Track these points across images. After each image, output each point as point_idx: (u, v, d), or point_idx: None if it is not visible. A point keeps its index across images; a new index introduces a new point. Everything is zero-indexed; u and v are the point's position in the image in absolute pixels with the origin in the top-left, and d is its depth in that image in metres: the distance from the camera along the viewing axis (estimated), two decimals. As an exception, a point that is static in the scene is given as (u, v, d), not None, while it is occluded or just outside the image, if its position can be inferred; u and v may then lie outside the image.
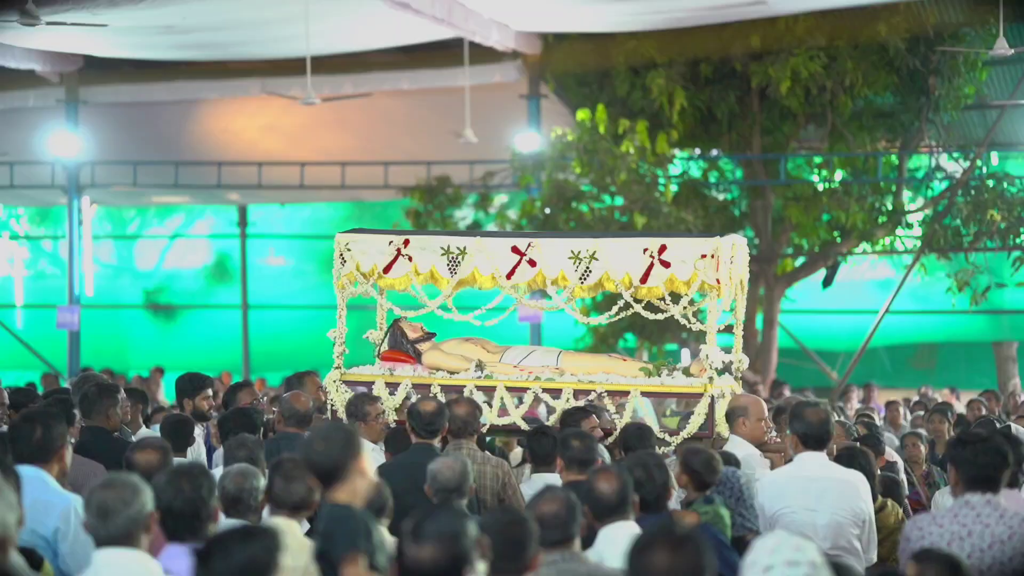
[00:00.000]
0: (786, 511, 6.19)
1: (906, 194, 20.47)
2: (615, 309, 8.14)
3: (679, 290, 7.77)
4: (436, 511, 4.03)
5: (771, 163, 20.39)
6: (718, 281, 7.55)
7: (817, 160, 20.66)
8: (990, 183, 19.28)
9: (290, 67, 19.63)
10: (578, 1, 17.40)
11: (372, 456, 6.46)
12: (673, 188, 20.06)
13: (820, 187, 20.23)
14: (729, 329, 8.27)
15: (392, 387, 8.20)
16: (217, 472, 6.57)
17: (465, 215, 21.63)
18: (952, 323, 24.33)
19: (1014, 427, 8.71)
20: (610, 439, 7.58)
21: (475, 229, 20.05)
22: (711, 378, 7.65)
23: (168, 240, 29.19)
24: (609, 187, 18.76)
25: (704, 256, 7.55)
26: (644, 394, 7.77)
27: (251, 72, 21.24)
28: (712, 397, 7.56)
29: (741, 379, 8.27)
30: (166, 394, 19.68)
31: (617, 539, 4.88)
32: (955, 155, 20.29)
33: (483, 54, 19.64)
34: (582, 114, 19.10)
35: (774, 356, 20.15)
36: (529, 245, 8.00)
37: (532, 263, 7.97)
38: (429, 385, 8.09)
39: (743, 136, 20.19)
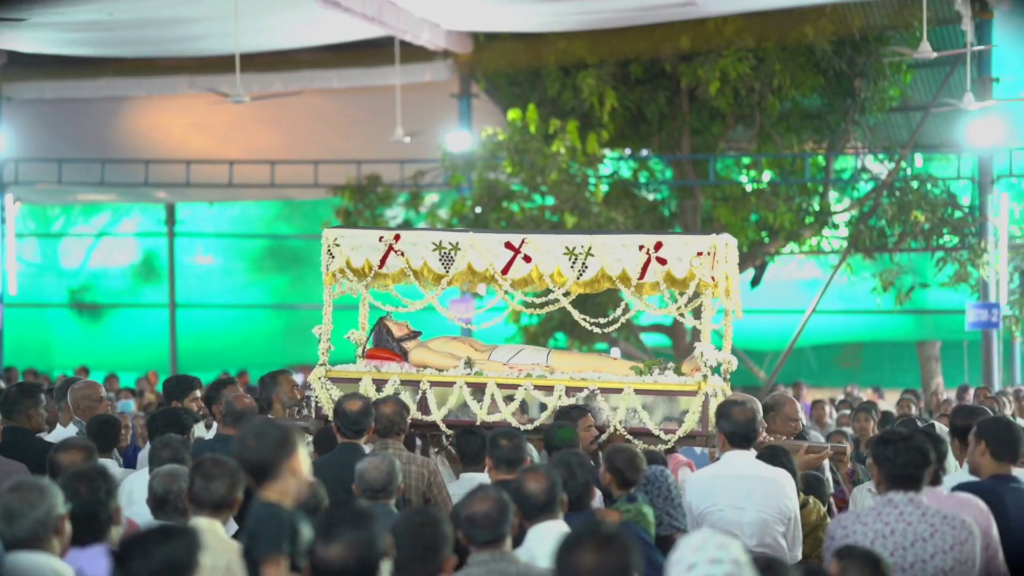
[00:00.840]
0: (713, 509, 6.23)
1: (832, 195, 20.72)
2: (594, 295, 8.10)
3: (677, 288, 7.69)
4: (347, 511, 4.01)
5: (700, 163, 20.56)
6: (713, 279, 7.52)
7: (745, 161, 20.86)
8: (914, 184, 19.58)
9: (219, 64, 19.47)
10: (508, 1, 17.42)
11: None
12: (603, 188, 20.16)
13: (748, 187, 20.43)
14: (660, 328, 8.28)
15: (380, 384, 8.06)
16: (144, 472, 6.50)
17: (396, 214, 21.57)
18: (877, 323, 24.67)
19: (937, 425, 8.84)
20: (603, 436, 7.54)
21: (404, 226, 20.01)
22: (705, 376, 7.58)
23: (94, 238, 28.83)
24: (540, 187, 18.81)
25: (700, 254, 7.50)
26: (637, 392, 7.64)
27: (179, 69, 21.04)
28: (706, 396, 7.49)
29: None
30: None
31: (547, 538, 4.88)
32: (880, 157, 20.58)
33: (414, 53, 19.61)
34: (513, 114, 19.14)
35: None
36: (523, 241, 7.88)
37: (527, 259, 7.87)
38: (418, 382, 7.97)
39: (673, 136, 20.33)
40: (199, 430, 8.17)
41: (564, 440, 6.65)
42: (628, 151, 21.16)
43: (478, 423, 7.71)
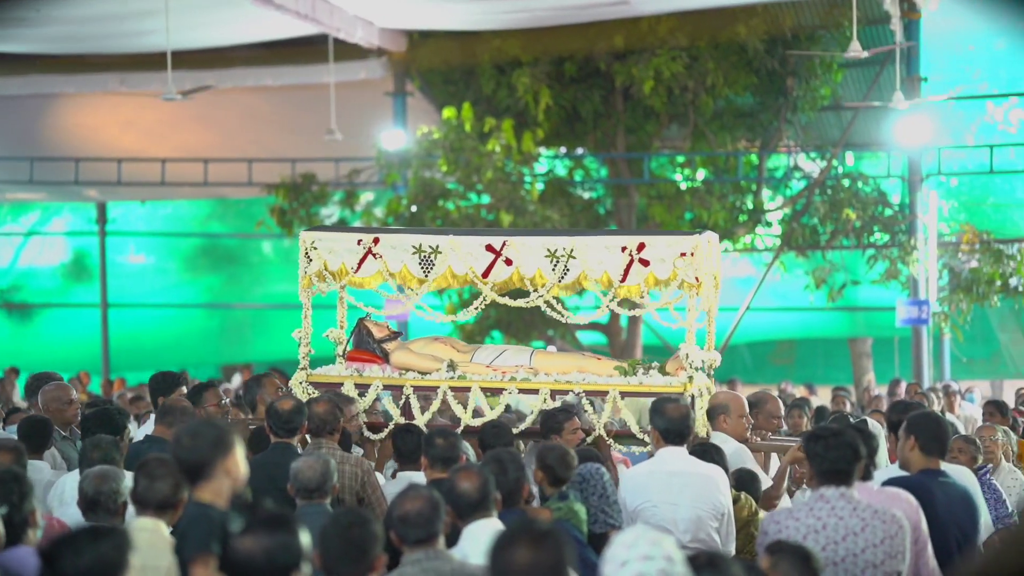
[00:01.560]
0: (647, 505, 6.25)
1: (766, 193, 20.90)
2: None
3: (657, 290, 7.66)
4: (265, 512, 3.99)
5: (635, 162, 20.65)
6: (697, 279, 7.49)
7: (680, 159, 20.98)
8: (846, 183, 19.80)
9: (150, 62, 19.25)
10: (443, -1, 17.41)
11: None
12: (539, 186, 20.19)
13: (683, 186, 20.54)
14: (597, 326, 8.26)
15: (362, 389, 7.98)
16: (76, 473, 6.43)
17: (331, 213, 21.46)
18: (810, 320, 24.95)
19: (870, 421, 8.93)
20: (589, 439, 7.51)
21: (342, 226, 19.93)
22: (691, 377, 7.57)
23: (23, 238, 28.44)
24: (475, 185, 18.81)
25: (683, 254, 7.48)
26: (623, 394, 7.63)
27: (110, 66, 20.79)
28: (692, 396, 7.48)
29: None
30: (22, 395, 19.14)
31: (480, 536, 4.88)
32: (812, 155, 20.78)
33: (348, 51, 19.52)
34: (448, 112, 19.12)
35: (638, 353, 20.40)
36: (504, 244, 7.81)
37: (508, 262, 7.80)
38: (401, 387, 7.90)
39: (608, 135, 20.41)
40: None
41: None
42: (563, 149, 21.22)
43: (462, 427, 7.65)
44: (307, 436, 7.06)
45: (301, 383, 8.10)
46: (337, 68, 19.34)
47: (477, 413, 7.87)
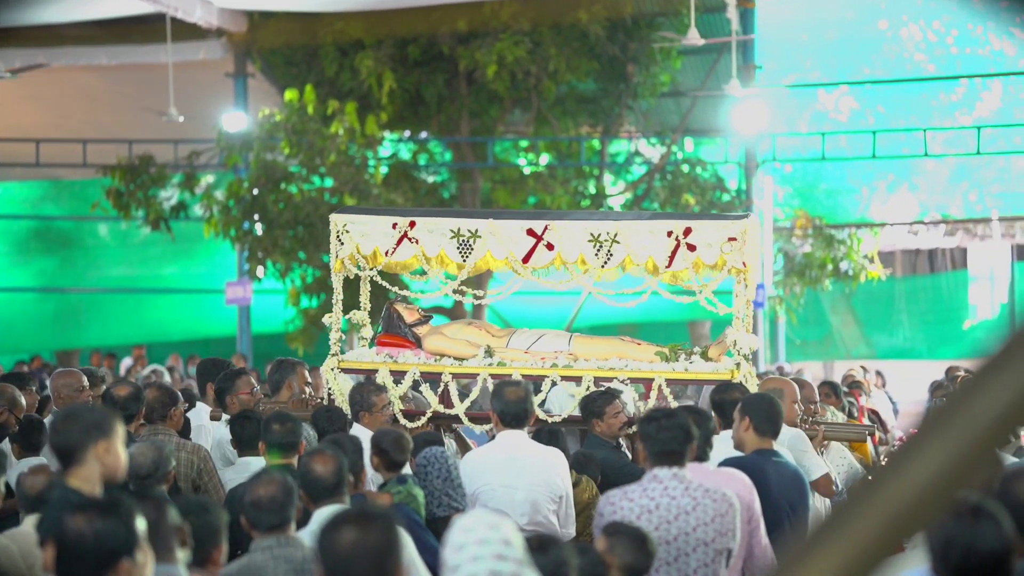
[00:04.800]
0: (486, 488, 6.29)
1: (608, 178, 21.16)
2: None
3: (704, 275, 7.46)
4: (94, 499, 3.92)
5: (479, 146, 20.71)
6: (744, 264, 7.33)
7: (523, 144, 21.10)
8: (685, 168, 20.17)
9: (-22, 38, 18.62)
10: (284, -21, 17.19)
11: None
12: (383, 170, 20.10)
13: (526, 170, 20.67)
14: (441, 310, 8.20)
15: (397, 376, 7.68)
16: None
17: (170, 195, 21.03)
18: (651, 303, 25.33)
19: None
20: (633, 427, 7.24)
21: (179, 208, 19.57)
22: (738, 364, 7.42)
23: None
24: (319, 168, 18.63)
25: (732, 239, 7.31)
26: (669, 381, 7.44)
27: (-65, 42, 20.02)
28: (740, 382, 7.25)
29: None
30: None
31: (329, 521, 4.86)
32: (653, 141, 21.11)
33: (187, 30, 19.13)
34: (290, 94, 18.89)
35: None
36: (546, 228, 7.53)
37: (550, 246, 7.53)
38: (439, 373, 7.61)
39: (452, 119, 20.41)
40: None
41: None
42: (407, 133, 21.16)
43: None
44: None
45: (332, 369, 7.79)
46: (175, 48, 18.93)
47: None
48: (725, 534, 5.27)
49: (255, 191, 18.56)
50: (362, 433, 6.86)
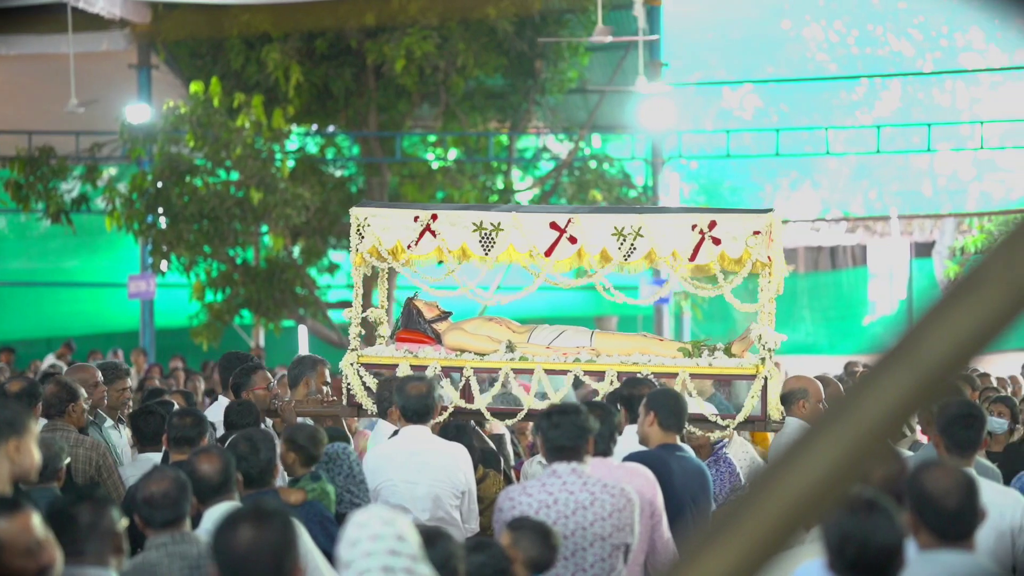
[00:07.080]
0: (387, 484, 6.27)
1: (516, 173, 21.21)
2: None
3: (729, 268, 7.37)
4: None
5: (387, 140, 20.63)
6: (769, 258, 7.27)
7: (431, 139, 21.08)
8: (592, 164, 20.28)
9: None
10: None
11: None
12: (290, 164, 19.94)
13: (434, 165, 20.64)
14: (345, 304, 8.12)
15: (418, 371, 7.50)
16: None
17: (72, 187, 20.66)
18: (558, 299, 25.43)
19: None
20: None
21: (81, 201, 19.21)
22: (763, 359, 7.34)
23: None
24: (224, 161, 18.41)
25: (757, 233, 7.22)
26: (692, 376, 7.36)
27: None
28: (765, 379, 7.27)
29: None
30: None
31: (220, 520, 4.81)
32: (560, 137, 21.20)
33: (89, 21, 18.80)
34: (195, 86, 18.65)
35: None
36: (569, 221, 7.44)
37: (573, 240, 7.44)
38: (461, 368, 7.52)
39: (360, 113, 20.31)
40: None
41: None
42: (315, 127, 21.01)
43: (525, 410, 7.40)
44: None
45: (352, 364, 7.67)
46: (77, 38, 18.59)
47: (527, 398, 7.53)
48: (623, 529, 5.31)
49: (159, 184, 18.31)
50: (386, 429, 6.78)
